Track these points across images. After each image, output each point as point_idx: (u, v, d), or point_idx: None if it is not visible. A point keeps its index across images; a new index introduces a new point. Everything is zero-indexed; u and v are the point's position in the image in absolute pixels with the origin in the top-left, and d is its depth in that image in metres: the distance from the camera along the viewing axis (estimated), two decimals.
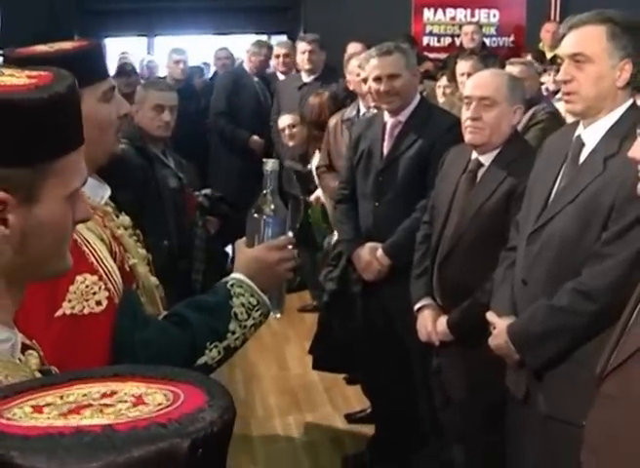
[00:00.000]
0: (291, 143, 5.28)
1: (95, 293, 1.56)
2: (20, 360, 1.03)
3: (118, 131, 1.76)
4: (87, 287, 1.55)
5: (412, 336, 3.16)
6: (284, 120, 5.33)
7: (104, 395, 0.67)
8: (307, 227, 4.91)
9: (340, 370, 4.49)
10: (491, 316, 2.53)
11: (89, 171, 1.64)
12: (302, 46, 5.98)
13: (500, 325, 2.47)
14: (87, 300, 1.55)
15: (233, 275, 1.77)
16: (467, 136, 2.87)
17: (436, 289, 3.03)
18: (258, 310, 1.74)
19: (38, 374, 1.04)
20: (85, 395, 0.68)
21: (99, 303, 1.56)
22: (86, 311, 1.54)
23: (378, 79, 3.48)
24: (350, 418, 4.25)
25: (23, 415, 0.67)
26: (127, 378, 0.70)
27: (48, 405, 0.68)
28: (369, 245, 3.53)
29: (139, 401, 0.65)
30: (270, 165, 1.82)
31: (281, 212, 1.84)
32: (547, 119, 4.36)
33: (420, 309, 3.08)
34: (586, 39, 2.26)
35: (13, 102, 0.95)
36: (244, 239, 1.83)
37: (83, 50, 1.68)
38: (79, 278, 1.54)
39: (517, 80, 3.05)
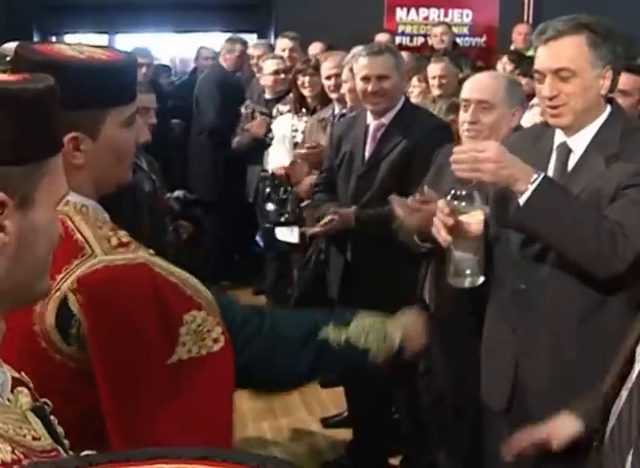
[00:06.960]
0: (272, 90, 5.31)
1: (209, 331, 1.43)
2: (9, 400, 0.96)
3: (133, 159, 1.59)
4: (199, 325, 1.41)
5: None
6: (270, 65, 5.33)
7: None
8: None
9: None
10: None
11: (95, 196, 1.50)
12: (283, 43, 5.89)
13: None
14: (203, 340, 1.42)
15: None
16: (466, 141, 2.81)
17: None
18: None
19: (30, 414, 0.97)
20: None
21: (216, 341, 1.43)
22: (203, 352, 1.41)
23: (366, 79, 3.41)
24: (326, 423, 4.20)
25: None
26: (216, 463, 0.64)
27: None
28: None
29: None
30: None
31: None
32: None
33: None
34: (568, 52, 2.17)
35: (9, 92, 0.91)
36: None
37: (118, 64, 1.44)
38: (187, 317, 1.41)
39: (515, 82, 3.00)
